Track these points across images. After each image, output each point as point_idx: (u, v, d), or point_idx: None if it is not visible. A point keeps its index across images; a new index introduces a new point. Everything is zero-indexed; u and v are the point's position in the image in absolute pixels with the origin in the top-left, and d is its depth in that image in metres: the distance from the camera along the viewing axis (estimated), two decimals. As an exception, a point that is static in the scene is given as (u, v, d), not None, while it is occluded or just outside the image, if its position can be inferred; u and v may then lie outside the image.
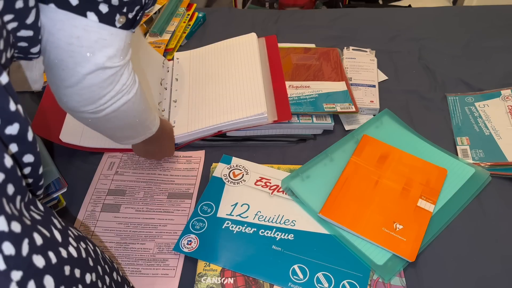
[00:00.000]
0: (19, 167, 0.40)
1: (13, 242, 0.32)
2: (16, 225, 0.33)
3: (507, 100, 0.86)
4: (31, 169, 0.41)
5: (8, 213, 0.33)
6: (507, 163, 0.75)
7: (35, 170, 0.42)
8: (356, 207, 0.69)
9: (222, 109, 0.80)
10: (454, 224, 0.69)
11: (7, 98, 0.35)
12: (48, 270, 0.35)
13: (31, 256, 0.34)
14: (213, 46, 0.95)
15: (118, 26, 0.48)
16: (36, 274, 0.34)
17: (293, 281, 0.61)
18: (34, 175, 0.43)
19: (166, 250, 0.66)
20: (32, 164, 0.41)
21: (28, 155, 0.40)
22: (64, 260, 0.38)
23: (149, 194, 0.74)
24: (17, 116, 0.37)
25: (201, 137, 0.80)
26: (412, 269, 0.64)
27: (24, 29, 0.43)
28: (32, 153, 0.40)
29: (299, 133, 0.83)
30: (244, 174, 0.75)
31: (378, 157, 0.76)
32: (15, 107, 0.36)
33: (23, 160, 0.40)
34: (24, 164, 0.40)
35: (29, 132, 0.39)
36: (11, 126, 0.36)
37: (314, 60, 0.94)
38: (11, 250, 0.32)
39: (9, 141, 0.37)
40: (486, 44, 1.04)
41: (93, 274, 0.44)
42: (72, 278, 0.39)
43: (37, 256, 0.34)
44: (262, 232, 0.67)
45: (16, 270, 0.32)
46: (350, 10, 1.19)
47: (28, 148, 0.40)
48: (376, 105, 0.87)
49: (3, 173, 0.33)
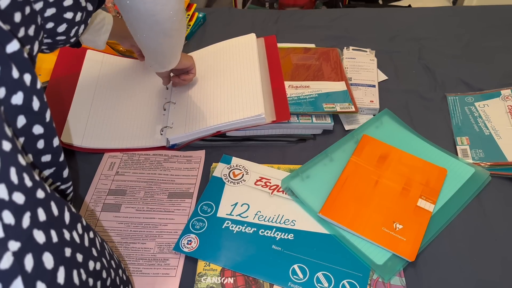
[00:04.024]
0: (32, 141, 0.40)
1: (14, 212, 0.32)
2: (19, 196, 0.32)
3: (507, 100, 0.86)
4: (44, 142, 0.41)
5: (13, 183, 0.32)
6: (507, 163, 0.75)
7: (49, 144, 0.42)
8: (356, 207, 0.69)
9: (220, 110, 0.80)
10: (454, 224, 0.69)
11: (10, 66, 0.35)
12: (48, 247, 0.35)
13: (31, 230, 0.33)
14: (212, 47, 0.95)
15: None
16: (35, 248, 0.33)
17: (293, 280, 0.61)
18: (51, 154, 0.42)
19: (166, 250, 0.66)
20: (43, 136, 0.40)
21: (37, 126, 0.39)
22: (66, 242, 0.38)
23: (150, 194, 0.74)
24: (20, 84, 0.36)
25: (200, 138, 0.80)
26: (412, 269, 0.64)
27: (49, 7, 0.46)
28: (41, 124, 0.40)
29: (299, 133, 0.83)
30: (244, 174, 0.75)
31: (378, 157, 0.76)
32: (18, 75, 0.36)
33: (33, 132, 0.39)
34: (35, 137, 0.40)
35: (34, 101, 0.38)
36: (15, 95, 0.36)
37: (314, 60, 0.94)
38: (11, 220, 0.31)
39: (15, 112, 0.37)
40: (486, 44, 1.04)
41: (97, 263, 0.43)
42: (73, 261, 0.38)
43: (38, 231, 0.34)
44: (262, 232, 0.67)
45: (14, 241, 0.31)
46: (350, 10, 1.19)
47: (36, 119, 0.39)
48: (376, 105, 0.87)
49: (9, 142, 0.33)
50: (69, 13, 0.51)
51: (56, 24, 0.49)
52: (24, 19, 0.42)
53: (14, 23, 0.41)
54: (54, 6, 0.48)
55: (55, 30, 0.50)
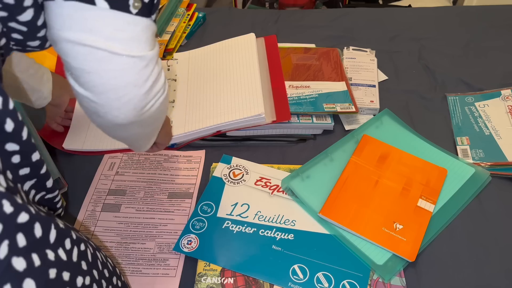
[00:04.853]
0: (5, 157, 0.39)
1: None
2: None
3: (507, 100, 0.86)
4: (21, 158, 0.40)
5: None
6: (507, 163, 0.75)
7: (27, 159, 0.41)
8: (356, 207, 0.69)
9: (220, 110, 0.80)
10: (454, 224, 0.69)
11: None
12: (29, 273, 0.34)
13: (10, 258, 0.33)
14: (211, 46, 0.95)
15: (134, 12, 0.41)
16: (14, 277, 0.33)
17: (293, 281, 0.61)
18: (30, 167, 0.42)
19: (166, 250, 0.66)
20: (19, 152, 0.40)
21: (10, 144, 0.39)
22: (50, 263, 0.37)
23: (150, 194, 0.74)
24: None
25: (200, 137, 0.80)
26: (412, 269, 0.64)
27: (16, 23, 0.40)
28: (16, 142, 0.39)
29: (299, 133, 0.83)
30: (244, 174, 0.75)
31: (378, 157, 0.76)
32: None
33: (6, 149, 0.38)
34: (9, 153, 0.39)
35: (7, 123, 0.37)
36: None
37: (314, 60, 0.94)
38: None
39: None
40: (486, 44, 1.04)
41: (86, 277, 0.43)
42: (59, 281, 0.38)
43: (17, 258, 0.34)
44: (262, 232, 0.67)
45: None
46: (350, 10, 1.19)
47: (10, 138, 0.38)
48: (376, 105, 0.87)
49: None
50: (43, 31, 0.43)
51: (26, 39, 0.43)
52: None
53: None
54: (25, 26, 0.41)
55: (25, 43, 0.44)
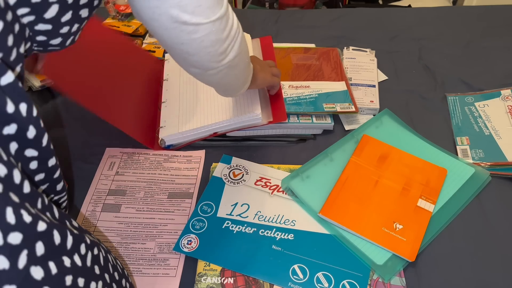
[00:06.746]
0: (24, 165, 0.40)
1: (9, 255, 0.32)
2: (16, 236, 0.33)
3: (507, 100, 0.86)
4: (38, 164, 0.41)
5: (10, 224, 0.32)
6: (507, 163, 0.75)
7: (43, 165, 0.42)
8: (356, 207, 0.69)
9: (215, 110, 0.80)
10: (454, 224, 0.69)
11: (5, 99, 0.35)
12: (47, 281, 0.35)
13: (28, 268, 0.33)
14: None
15: None
16: (33, 286, 0.33)
17: (293, 281, 0.61)
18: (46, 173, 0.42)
19: (166, 250, 0.66)
20: (37, 158, 0.40)
21: (30, 150, 0.39)
22: (66, 270, 0.38)
23: (150, 194, 0.74)
24: (15, 117, 0.36)
25: (198, 139, 0.80)
26: (412, 269, 0.64)
27: (42, 23, 0.42)
28: (35, 148, 0.40)
29: (299, 133, 0.83)
30: (244, 174, 0.75)
31: (378, 157, 0.76)
32: (13, 109, 0.36)
33: (25, 155, 0.39)
34: (28, 159, 0.40)
35: (29, 131, 0.38)
36: (8, 126, 0.36)
37: (314, 60, 0.94)
38: (5, 264, 0.31)
39: (8, 140, 0.37)
40: (486, 44, 1.04)
41: (99, 282, 0.43)
42: (75, 287, 0.39)
43: (35, 267, 0.34)
44: (262, 232, 0.67)
45: (9, 285, 0.31)
46: (350, 10, 1.19)
47: (30, 144, 0.39)
48: (376, 105, 0.87)
49: (1, 183, 0.33)
50: (65, 27, 0.45)
51: (49, 38, 0.45)
52: (15, 38, 0.39)
53: (7, 47, 0.38)
54: (50, 23, 0.43)
55: (47, 43, 0.46)
